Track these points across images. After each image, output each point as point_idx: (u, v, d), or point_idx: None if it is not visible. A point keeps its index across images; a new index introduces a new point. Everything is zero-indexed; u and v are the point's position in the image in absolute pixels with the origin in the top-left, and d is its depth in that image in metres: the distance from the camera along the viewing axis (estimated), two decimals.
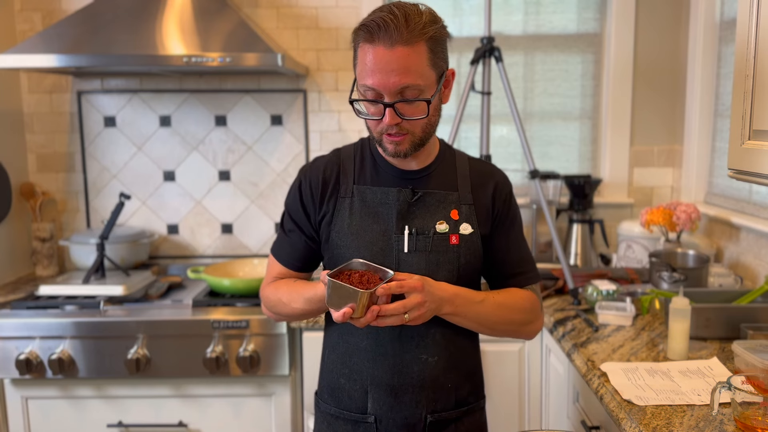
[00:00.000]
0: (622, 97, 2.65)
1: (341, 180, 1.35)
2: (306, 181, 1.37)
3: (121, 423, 2.12)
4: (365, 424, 1.33)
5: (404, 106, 1.20)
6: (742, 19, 1.31)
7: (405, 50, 1.15)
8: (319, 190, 1.35)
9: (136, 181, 2.67)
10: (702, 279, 2.06)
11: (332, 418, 1.38)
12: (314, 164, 1.39)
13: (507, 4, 2.67)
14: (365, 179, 1.35)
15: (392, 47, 1.15)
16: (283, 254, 1.41)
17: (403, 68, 1.16)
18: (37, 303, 2.14)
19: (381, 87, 1.18)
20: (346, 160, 1.37)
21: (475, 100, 2.46)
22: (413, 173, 1.34)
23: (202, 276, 2.27)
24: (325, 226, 1.35)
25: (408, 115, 1.21)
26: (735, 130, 1.34)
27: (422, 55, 1.17)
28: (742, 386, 1.24)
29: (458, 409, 1.36)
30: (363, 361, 1.33)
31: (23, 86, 2.62)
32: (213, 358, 2.01)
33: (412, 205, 1.31)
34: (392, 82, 1.17)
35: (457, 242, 1.31)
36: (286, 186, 2.67)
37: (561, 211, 2.64)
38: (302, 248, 1.39)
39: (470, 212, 1.34)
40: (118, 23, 2.21)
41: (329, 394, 1.39)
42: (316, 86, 2.64)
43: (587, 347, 1.71)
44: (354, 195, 1.33)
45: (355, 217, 1.32)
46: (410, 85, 1.18)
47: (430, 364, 1.32)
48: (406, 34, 1.15)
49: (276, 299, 1.38)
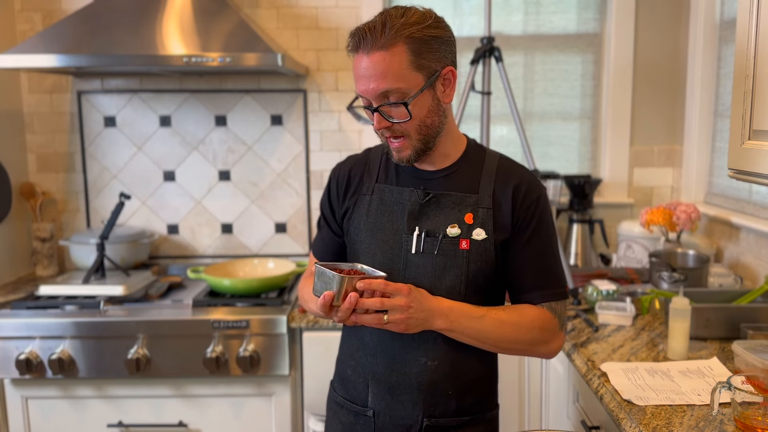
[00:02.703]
0: (622, 97, 2.65)
1: (365, 178, 1.38)
2: (335, 178, 1.42)
3: (121, 423, 2.12)
4: (365, 416, 1.36)
5: (390, 109, 1.22)
6: (742, 19, 1.31)
7: (381, 55, 1.17)
8: (344, 186, 1.40)
9: (136, 181, 2.68)
10: (702, 279, 2.06)
11: (338, 406, 1.42)
12: (344, 163, 1.44)
13: (507, 4, 2.67)
14: (387, 178, 1.37)
15: (370, 53, 1.18)
16: (317, 249, 1.48)
17: (380, 73, 1.18)
18: (37, 303, 2.14)
19: (365, 93, 1.21)
20: (373, 159, 1.41)
21: (475, 100, 2.46)
22: (430, 174, 1.34)
23: (202, 276, 2.27)
24: (346, 221, 1.39)
25: (395, 117, 1.23)
26: (735, 130, 1.34)
27: (400, 58, 1.17)
28: (742, 386, 1.24)
29: (459, 417, 1.32)
30: (366, 356, 1.35)
31: (23, 86, 2.62)
32: (213, 358, 2.01)
33: (424, 206, 1.30)
34: (372, 87, 1.19)
35: (467, 247, 1.27)
36: (287, 186, 2.67)
37: (561, 211, 2.64)
38: (331, 243, 1.44)
39: (487, 216, 1.28)
40: (118, 23, 2.21)
41: (339, 384, 1.43)
42: (316, 86, 2.64)
43: (587, 347, 1.71)
44: (374, 193, 1.36)
45: (372, 214, 1.34)
46: (389, 89, 1.19)
47: (429, 368, 1.30)
48: (381, 40, 1.17)
49: (302, 295, 1.45)
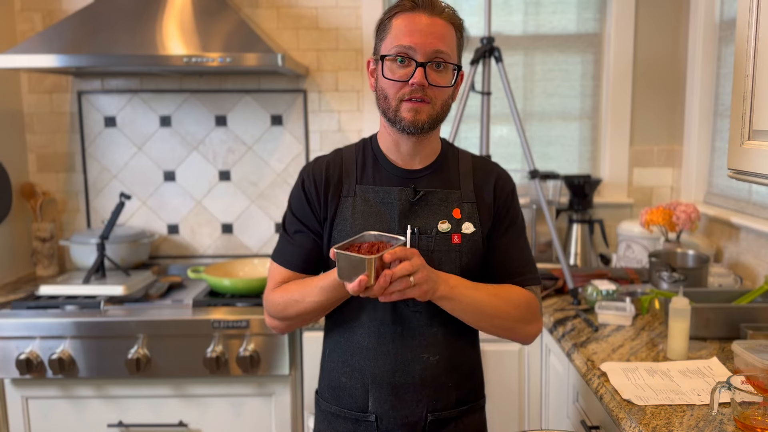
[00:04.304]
0: (622, 97, 2.65)
1: (344, 180, 1.35)
2: (309, 179, 1.36)
3: (121, 423, 2.12)
4: (366, 422, 1.34)
5: (433, 72, 1.25)
6: (741, 19, 1.31)
7: (443, 23, 1.27)
8: (322, 188, 1.34)
9: (137, 181, 2.68)
10: (702, 279, 2.06)
11: (332, 416, 1.38)
12: (316, 163, 1.38)
13: (507, 4, 2.67)
14: (367, 179, 1.35)
15: (433, 16, 1.26)
16: (287, 257, 1.37)
17: (441, 36, 1.26)
18: (38, 303, 2.14)
19: (419, 46, 1.24)
20: (348, 160, 1.37)
21: (475, 100, 2.46)
22: (415, 172, 1.35)
23: (202, 276, 2.27)
24: (328, 225, 1.34)
25: (435, 81, 1.26)
26: (735, 130, 1.34)
27: (453, 36, 1.29)
28: (742, 386, 1.25)
29: (458, 408, 1.36)
30: (364, 360, 1.33)
31: (23, 86, 2.62)
32: (213, 358, 2.01)
33: (414, 204, 1.31)
34: (430, 43, 1.24)
35: (459, 241, 1.31)
36: (287, 186, 2.67)
37: (561, 211, 2.64)
38: (309, 248, 1.36)
39: (472, 210, 1.34)
40: (118, 23, 2.21)
41: (330, 393, 1.39)
42: (316, 86, 2.64)
43: (587, 347, 1.71)
44: (357, 195, 1.33)
45: (358, 217, 1.32)
46: (443, 52, 1.25)
47: (431, 363, 1.32)
48: (445, 12, 1.28)
49: (286, 299, 1.33)
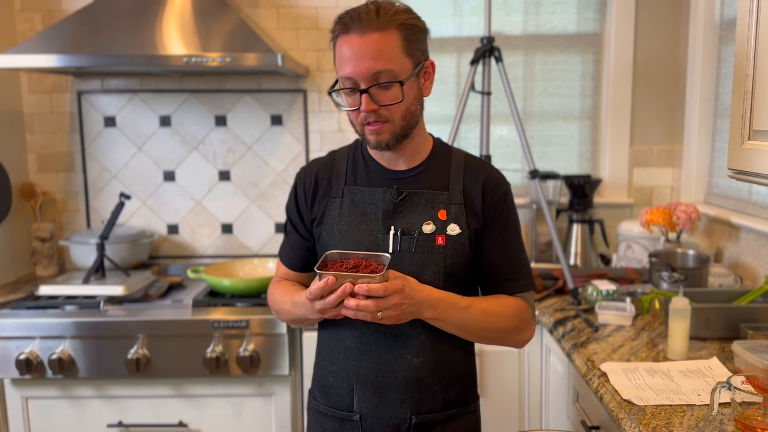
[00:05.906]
0: (622, 97, 2.65)
1: (333, 181, 1.37)
2: (301, 183, 1.41)
3: (121, 423, 2.12)
4: (351, 422, 1.34)
5: (379, 92, 1.22)
6: (742, 19, 1.31)
7: (376, 36, 1.19)
8: (311, 191, 1.38)
9: (136, 181, 2.68)
10: (702, 279, 2.06)
11: (321, 415, 1.40)
12: (309, 167, 1.42)
13: (507, 4, 2.67)
14: (356, 180, 1.36)
15: (364, 34, 1.19)
16: (285, 255, 1.46)
17: (375, 53, 1.19)
18: (37, 303, 2.14)
19: (355, 74, 1.20)
20: (340, 162, 1.39)
21: (474, 100, 2.46)
22: (401, 173, 1.35)
23: (202, 276, 2.27)
24: (316, 226, 1.37)
25: (383, 101, 1.22)
26: (735, 130, 1.34)
27: (394, 41, 1.20)
28: (742, 386, 1.24)
29: (445, 411, 1.35)
30: (349, 359, 1.34)
31: (23, 86, 2.62)
32: (213, 358, 2.01)
33: (398, 205, 1.31)
34: (365, 67, 1.19)
35: (443, 243, 1.30)
36: (287, 186, 2.67)
37: (561, 211, 2.64)
38: (300, 249, 1.43)
39: (459, 212, 1.32)
40: (118, 23, 2.21)
41: (319, 392, 1.41)
42: (316, 86, 2.64)
43: (587, 347, 1.71)
44: (344, 195, 1.35)
45: (344, 217, 1.33)
46: (383, 71, 1.20)
47: (414, 365, 1.31)
48: (376, 22, 1.19)
49: (278, 308, 1.42)
